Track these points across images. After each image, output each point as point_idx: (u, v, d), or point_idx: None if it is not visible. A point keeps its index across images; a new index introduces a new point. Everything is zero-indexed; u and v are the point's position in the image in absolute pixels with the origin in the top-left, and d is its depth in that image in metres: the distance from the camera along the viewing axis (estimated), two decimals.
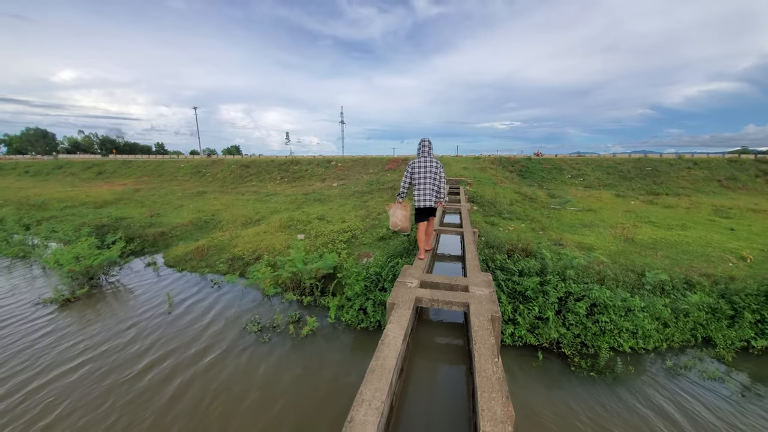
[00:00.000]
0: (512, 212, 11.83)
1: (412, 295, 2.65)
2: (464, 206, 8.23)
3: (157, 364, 5.20)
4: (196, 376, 4.92)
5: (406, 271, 3.20)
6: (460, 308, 2.51)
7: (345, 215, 13.46)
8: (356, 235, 9.93)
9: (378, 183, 19.89)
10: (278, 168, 27.87)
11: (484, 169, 21.06)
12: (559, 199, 14.84)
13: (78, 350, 5.60)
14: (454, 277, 3.03)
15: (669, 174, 20.37)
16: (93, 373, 5.02)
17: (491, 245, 7.81)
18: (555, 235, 9.34)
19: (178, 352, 5.50)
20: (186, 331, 6.16)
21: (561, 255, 7.20)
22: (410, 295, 2.63)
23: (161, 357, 5.37)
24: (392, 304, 2.52)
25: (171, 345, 5.71)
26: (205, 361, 5.25)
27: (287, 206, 17.17)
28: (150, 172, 35.37)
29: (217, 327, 6.23)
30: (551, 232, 9.78)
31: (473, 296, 2.58)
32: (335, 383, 4.68)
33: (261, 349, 5.45)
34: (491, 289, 2.68)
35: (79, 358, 5.38)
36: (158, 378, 4.89)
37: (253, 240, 11.05)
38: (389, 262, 6.75)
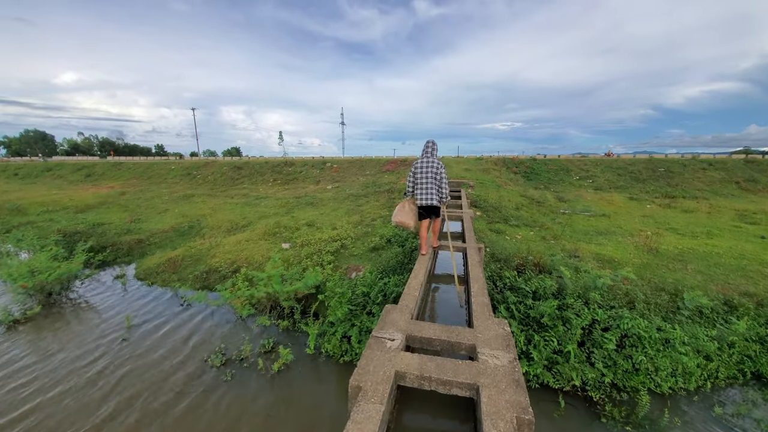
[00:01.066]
0: (519, 218, 10.93)
1: (391, 369, 1.77)
2: (467, 213, 7.34)
3: None
4: None
5: (388, 315, 2.31)
6: (464, 392, 1.64)
7: (337, 221, 12.57)
8: (346, 244, 9.03)
9: (374, 186, 18.99)
10: (271, 170, 26.99)
11: (487, 171, 20.16)
12: (569, 203, 13.94)
13: None
14: (455, 329, 2.14)
15: (683, 175, 19.45)
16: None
17: (498, 258, 6.91)
18: (569, 245, 8.44)
19: (102, 395, 4.59)
20: (136, 363, 5.27)
21: (580, 272, 6.30)
22: (388, 367, 1.73)
23: None
24: (357, 388, 1.63)
25: (96, 384, 4.80)
26: (138, 407, 4.33)
27: (277, 211, 16.30)
28: (139, 175, 34.54)
29: (174, 359, 5.33)
30: (564, 241, 8.89)
31: (485, 370, 1.69)
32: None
33: (217, 392, 4.54)
34: (511, 354, 1.78)
35: None
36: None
37: (233, 249, 10.16)
38: (379, 281, 5.85)
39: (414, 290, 2.89)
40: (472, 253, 4.37)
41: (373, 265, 7.33)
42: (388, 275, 6.40)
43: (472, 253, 4.32)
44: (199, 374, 4.90)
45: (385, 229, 9.86)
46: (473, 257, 4.11)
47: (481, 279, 3.20)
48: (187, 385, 4.67)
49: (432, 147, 4.73)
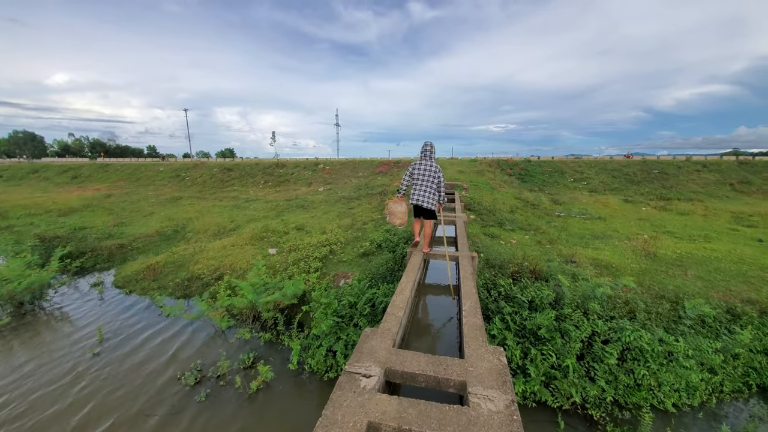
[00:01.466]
0: (514, 221, 10.70)
1: (363, 419, 1.48)
2: (460, 217, 7.07)
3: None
4: None
5: (367, 341, 1.97)
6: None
7: (327, 224, 12.25)
8: (335, 250, 8.72)
9: (367, 188, 18.70)
10: (262, 171, 26.58)
11: (481, 173, 19.98)
12: (564, 206, 13.77)
13: None
14: (444, 361, 1.83)
15: (678, 177, 19.44)
16: None
17: (492, 264, 6.66)
18: (565, 250, 8.22)
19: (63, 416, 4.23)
20: (103, 382, 4.90)
21: (577, 278, 6.07)
22: (360, 415, 1.50)
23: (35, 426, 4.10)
24: None
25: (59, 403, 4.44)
26: None
27: (266, 214, 15.93)
28: (127, 177, 33.89)
29: (145, 377, 4.97)
30: (560, 245, 8.67)
31: (477, 419, 1.38)
32: None
33: (187, 414, 4.20)
34: (508, 395, 1.44)
35: None
36: None
37: (217, 255, 9.80)
38: (367, 290, 5.55)
39: (398, 309, 2.60)
40: (464, 263, 4.08)
41: (363, 272, 7.03)
42: (378, 283, 6.10)
43: (465, 263, 4.03)
44: (170, 394, 4.55)
45: (376, 233, 9.56)
46: (465, 268, 3.82)
47: (474, 295, 2.92)
48: (155, 406, 4.32)
49: (430, 149, 4.78)
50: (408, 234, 7.96)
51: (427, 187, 4.72)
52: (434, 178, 4.70)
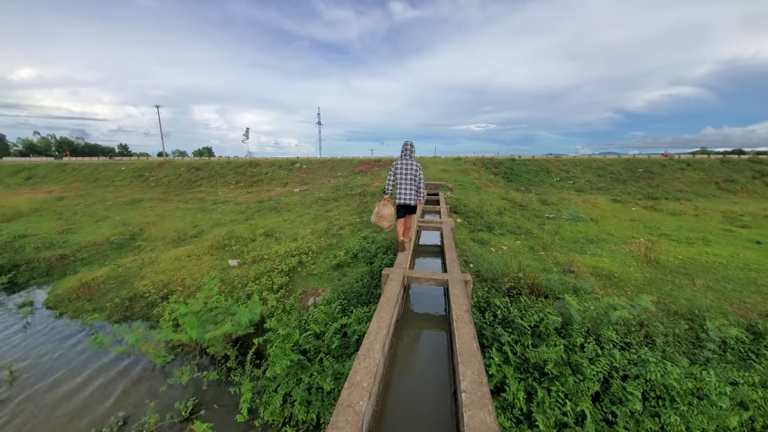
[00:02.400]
0: (503, 225, 10.02)
1: None
2: (446, 223, 6.26)
3: None
4: None
5: (339, 417, 1.18)
6: None
7: (300, 229, 11.26)
8: (305, 261, 7.76)
9: (346, 188, 17.74)
10: (234, 171, 25.15)
11: (465, 172, 19.36)
12: (553, 206, 13.24)
13: None
14: None
15: (663, 176, 19.42)
16: None
17: (484, 278, 5.88)
18: (562, 257, 7.56)
19: None
20: None
21: (581, 292, 5.36)
22: None
23: None
24: None
25: None
26: None
27: (234, 218, 14.74)
28: (85, 177, 31.65)
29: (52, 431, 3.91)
30: (555, 251, 8.01)
31: None
32: None
33: None
34: None
35: None
36: None
37: (169, 268, 8.67)
38: (338, 317, 4.65)
39: (367, 374, 1.73)
40: (456, 291, 3.22)
41: (335, 289, 6.12)
42: (352, 304, 5.21)
43: (457, 292, 3.17)
44: None
45: (353, 240, 8.67)
46: (458, 300, 2.96)
47: (476, 357, 2.05)
48: None
49: (410, 149, 4.96)
50: (387, 242, 7.11)
51: (410, 186, 4.96)
52: (415, 177, 4.93)
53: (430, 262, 5.49)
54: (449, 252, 4.62)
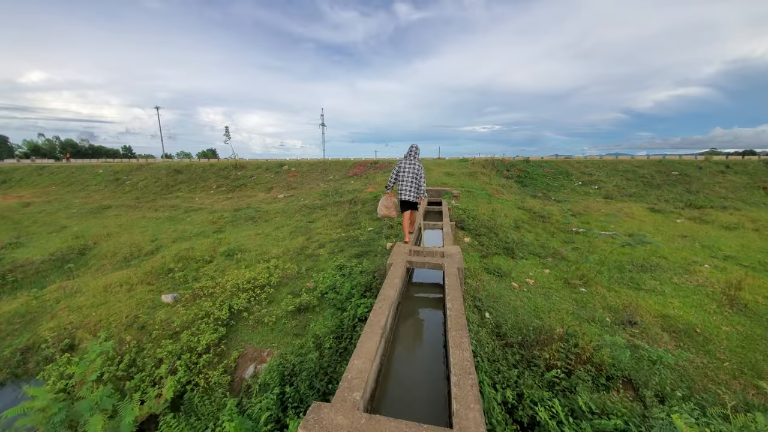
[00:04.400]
0: (523, 244, 8.08)
1: None
2: (451, 256, 4.34)
3: None
4: None
5: None
6: None
7: (272, 247, 9.40)
8: (260, 298, 5.87)
9: (336, 194, 15.87)
10: (216, 174, 23.38)
11: (473, 175, 17.41)
12: (581, 218, 11.25)
13: None
14: None
15: (701, 180, 17.35)
16: None
17: (502, 335, 3.97)
18: (612, 297, 5.61)
19: None
20: None
21: (654, 361, 3.43)
22: None
23: None
24: None
25: None
26: None
27: (203, 229, 12.91)
28: (61, 181, 30.11)
29: None
30: (599, 286, 6.05)
31: None
32: None
33: None
34: None
35: None
36: None
37: (88, 303, 6.81)
38: (276, 412, 2.73)
39: None
40: (464, 399, 1.33)
41: (284, 356, 4.21)
42: (300, 391, 3.29)
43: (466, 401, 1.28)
44: None
45: (328, 267, 6.79)
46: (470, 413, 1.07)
47: None
48: None
49: (415, 151, 5.60)
50: (367, 278, 5.20)
51: (411, 184, 5.46)
52: (417, 176, 5.45)
53: (426, 322, 3.57)
54: (454, 318, 2.71)
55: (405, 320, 3.49)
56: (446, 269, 3.74)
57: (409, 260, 4.04)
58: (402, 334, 3.25)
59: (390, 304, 3.10)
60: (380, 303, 3.13)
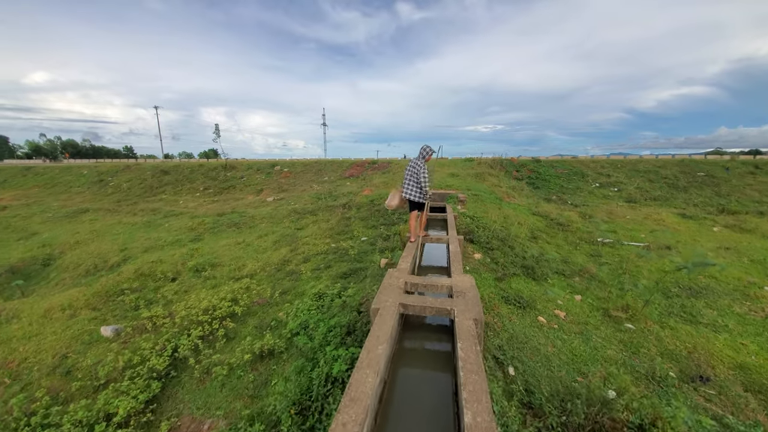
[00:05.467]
0: (543, 260, 6.89)
1: None
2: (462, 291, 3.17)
3: None
4: None
5: None
6: None
7: (250, 260, 8.27)
8: (217, 334, 4.71)
9: (329, 197, 14.74)
10: (205, 175, 22.28)
11: (480, 176, 16.21)
12: (605, 226, 10.04)
13: None
14: None
15: (730, 182, 16.08)
16: None
17: (537, 408, 2.80)
18: (668, 338, 4.42)
19: None
20: None
21: None
22: None
23: None
24: None
25: None
26: None
27: (179, 237, 11.79)
28: (45, 182, 29.14)
29: None
30: (648, 321, 4.85)
31: None
32: None
33: None
34: None
35: None
36: None
37: (18, 335, 5.68)
38: None
39: None
40: None
41: (239, 425, 3.05)
42: None
43: None
44: None
45: (311, 289, 5.64)
46: None
47: None
48: None
49: (423, 150, 5.54)
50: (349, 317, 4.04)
51: (410, 182, 5.52)
52: (415, 174, 5.46)
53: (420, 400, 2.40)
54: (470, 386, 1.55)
55: (397, 393, 2.32)
56: (458, 321, 2.56)
57: (404, 303, 2.87)
58: (392, 418, 2.09)
59: (376, 371, 1.96)
60: (360, 372, 1.99)
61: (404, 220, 9.51)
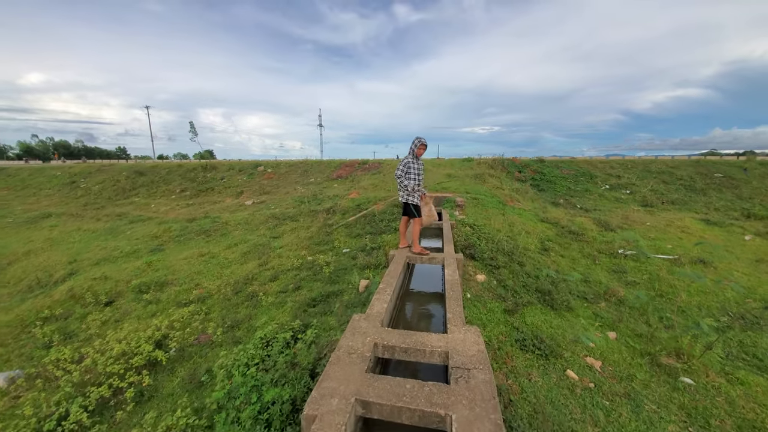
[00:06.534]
0: (560, 280, 5.73)
1: None
2: (465, 366, 2.03)
3: None
4: None
5: None
6: None
7: (210, 276, 7.09)
8: (126, 394, 3.51)
9: (313, 200, 13.53)
10: (183, 176, 20.98)
11: (480, 177, 15.07)
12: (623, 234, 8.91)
13: None
14: None
15: (750, 183, 15.06)
16: None
17: None
18: (743, 400, 3.28)
19: None
20: None
21: None
22: None
23: None
24: None
25: None
26: None
27: (139, 246, 10.54)
28: (15, 184, 27.66)
29: None
30: (710, 372, 3.71)
31: None
32: None
33: None
34: None
35: None
36: None
37: None
38: None
39: None
40: None
41: None
42: None
43: None
44: None
45: (270, 318, 4.47)
46: None
47: None
48: None
49: (414, 143, 4.54)
50: (300, 393, 2.88)
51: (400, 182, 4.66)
52: (401, 172, 4.56)
53: None
54: None
55: None
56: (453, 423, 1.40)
57: (364, 400, 1.69)
58: None
59: None
60: None
61: (393, 228, 8.34)
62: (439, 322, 3.25)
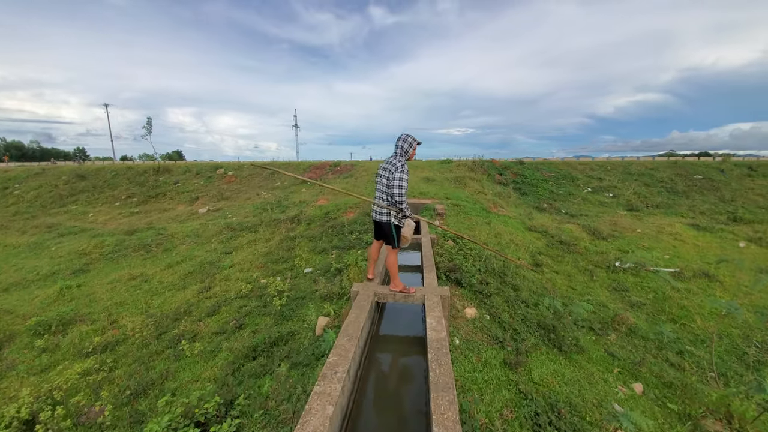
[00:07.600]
0: (564, 309, 4.87)
1: None
2: None
3: None
4: None
5: None
6: None
7: (134, 309, 5.80)
8: None
9: (277, 207, 12.28)
10: (130, 180, 19.10)
11: (460, 181, 14.28)
12: (616, 243, 8.26)
13: None
14: None
15: (730, 185, 15.05)
16: None
17: None
18: None
19: None
20: None
21: None
22: None
23: None
24: None
25: None
26: None
27: (61, 266, 8.99)
28: None
29: None
30: None
31: None
32: None
33: None
34: None
35: None
36: None
37: None
38: None
39: None
40: None
41: None
42: None
43: None
44: None
45: (191, 380, 3.34)
46: None
47: None
48: None
49: (401, 140, 3.31)
50: None
51: (381, 193, 3.38)
52: (382, 178, 3.34)
53: None
54: None
55: None
56: None
57: None
58: None
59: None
60: None
61: (364, 243, 7.30)
62: (421, 415, 2.23)
